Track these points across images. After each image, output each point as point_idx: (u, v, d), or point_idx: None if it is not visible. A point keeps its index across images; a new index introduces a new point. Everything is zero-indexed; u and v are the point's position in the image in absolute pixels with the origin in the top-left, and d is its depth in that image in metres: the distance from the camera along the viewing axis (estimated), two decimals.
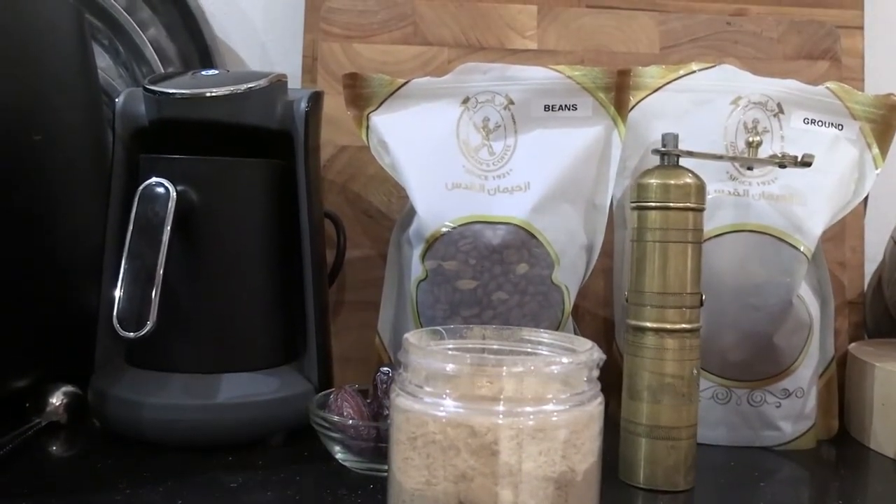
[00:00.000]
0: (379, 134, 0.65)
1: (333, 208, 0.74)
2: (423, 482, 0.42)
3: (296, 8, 0.84)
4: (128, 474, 0.54)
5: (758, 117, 0.65)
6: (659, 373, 0.56)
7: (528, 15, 0.79)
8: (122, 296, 0.55)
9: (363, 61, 0.76)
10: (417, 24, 0.78)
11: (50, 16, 0.65)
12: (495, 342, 0.50)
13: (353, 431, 0.55)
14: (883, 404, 0.65)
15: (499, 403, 0.42)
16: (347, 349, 0.72)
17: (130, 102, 0.63)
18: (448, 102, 0.65)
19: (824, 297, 0.67)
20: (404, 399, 0.44)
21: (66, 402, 0.63)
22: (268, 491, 0.52)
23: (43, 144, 0.63)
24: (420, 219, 0.62)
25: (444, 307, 0.62)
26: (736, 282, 0.63)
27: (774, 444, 0.65)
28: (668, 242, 0.56)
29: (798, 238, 0.63)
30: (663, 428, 0.56)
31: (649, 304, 0.56)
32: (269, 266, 0.63)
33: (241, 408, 0.59)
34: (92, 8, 0.81)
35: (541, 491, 0.41)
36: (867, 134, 0.66)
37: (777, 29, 0.80)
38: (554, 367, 0.44)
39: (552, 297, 0.62)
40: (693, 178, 0.57)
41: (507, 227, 0.61)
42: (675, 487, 0.56)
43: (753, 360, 0.64)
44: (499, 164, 0.64)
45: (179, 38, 0.85)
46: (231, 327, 0.61)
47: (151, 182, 0.57)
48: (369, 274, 0.73)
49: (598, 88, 0.64)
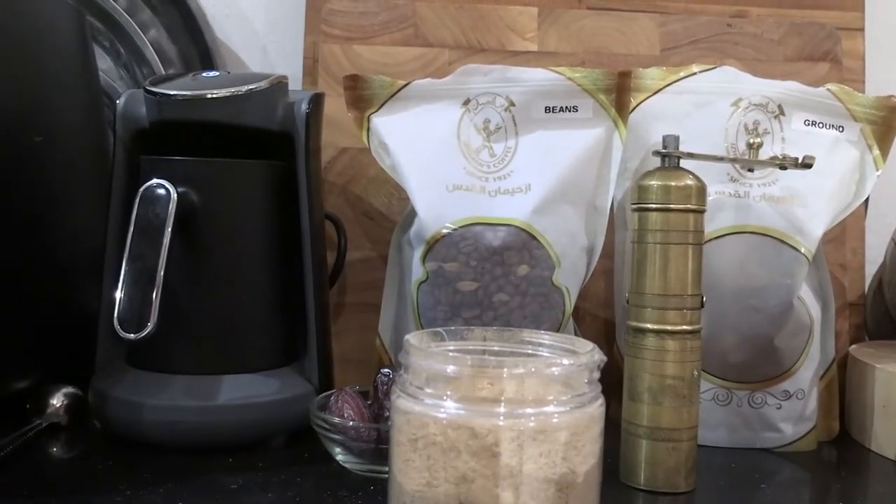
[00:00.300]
0: (380, 135, 0.65)
1: (334, 210, 0.74)
2: (424, 484, 0.42)
3: (296, 10, 0.84)
4: (128, 476, 0.54)
5: (758, 119, 0.65)
6: (660, 374, 0.56)
7: (529, 17, 0.79)
8: (122, 297, 0.55)
9: (364, 63, 0.76)
10: (418, 25, 0.78)
11: (51, 17, 0.65)
12: (496, 344, 0.50)
13: (354, 433, 0.55)
14: (884, 406, 0.65)
15: (500, 405, 0.42)
16: (348, 351, 0.72)
17: (131, 104, 0.63)
18: (449, 104, 0.65)
19: (825, 299, 0.67)
20: (405, 401, 0.43)
21: (67, 404, 0.63)
22: (268, 492, 0.52)
23: (44, 146, 0.63)
24: (421, 220, 0.62)
25: (445, 309, 0.62)
26: (736, 283, 0.62)
27: (775, 446, 0.65)
28: (668, 244, 0.56)
29: (799, 240, 0.63)
30: (664, 429, 0.55)
31: (650, 305, 0.56)
32: (270, 267, 0.63)
33: (241, 409, 0.59)
34: (93, 9, 0.81)
35: (542, 493, 0.41)
36: (868, 135, 0.66)
37: (778, 31, 0.80)
38: (555, 369, 0.44)
39: (553, 299, 0.62)
40: (694, 180, 0.57)
41: (508, 228, 0.61)
42: (676, 489, 0.56)
43: (754, 362, 0.64)
44: (499, 165, 0.64)
45: (180, 39, 0.85)
46: (231, 329, 0.61)
47: (152, 183, 0.57)
48: (370, 275, 0.73)
49: (598, 90, 0.64)
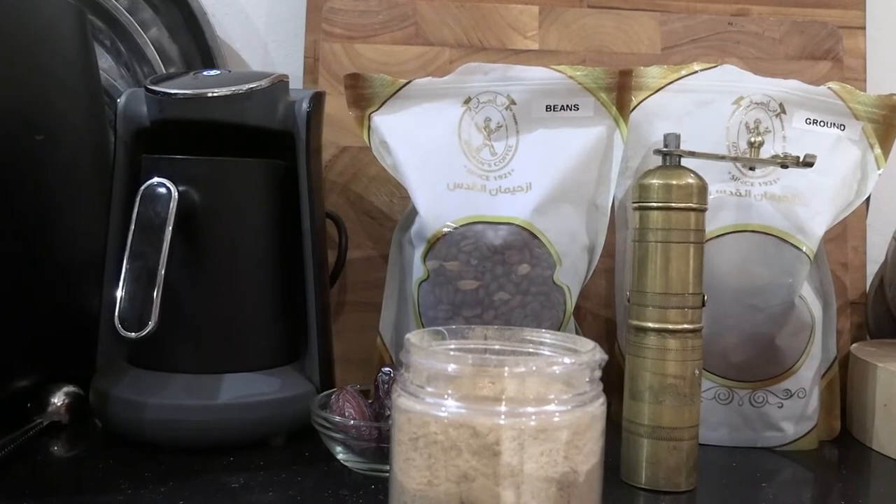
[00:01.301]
0: (380, 134, 0.65)
1: (335, 209, 0.74)
2: (425, 483, 0.42)
3: (297, 8, 0.84)
4: (129, 474, 0.54)
5: (760, 117, 0.65)
6: (661, 373, 0.55)
7: (530, 15, 0.79)
8: (123, 296, 0.55)
9: (365, 62, 0.76)
10: (419, 24, 0.78)
11: (51, 16, 0.65)
12: (497, 343, 0.50)
13: (355, 432, 0.55)
14: (885, 405, 0.65)
15: (501, 404, 0.42)
16: (349, 350, 0.72)
17: (132, 103, 0.63)
18: (450, 103, 0.65)
19: (826, 298, 0.67)
20: (406, 399, 0.43)
21: (68, 403, 0.64)
22: (269, 491, 0.52)
23: (44, 145, 0.63)
24: (422, 219, 0.62)
25: (446, 307, 0.62)
26: (738, 282, 0.62)
27: (776, 445, 0.65)
28: (670, 243, 0.56)
29: (800, 238, 0.62)
30: (665, 429, 0.55)
31: (651, 304, 0.56)
32: (271, 266, 0.63)
33: (242, 408, 0.59)
34: (94, 8, 0.81)
35: (543, 492, 0.41)
36: (869, 134, 0.66)
37: (779, 29, 0.80)
38: (556, 368, 0.43)
39: (554, 298, 0.62)
40: (695, 179, 0.57)
41: (509, 227, 0.61)
42: (677, 488, 0.56)
43: (755, 361, 0.64)
44: (500, 164, 0.64)
45: (181, 38, 0.85)
46: (232, 328, 0.61)
47: (153, 182, 0.57)
48: (371, 274, 0.73)
49: (599, 89, 0.64)
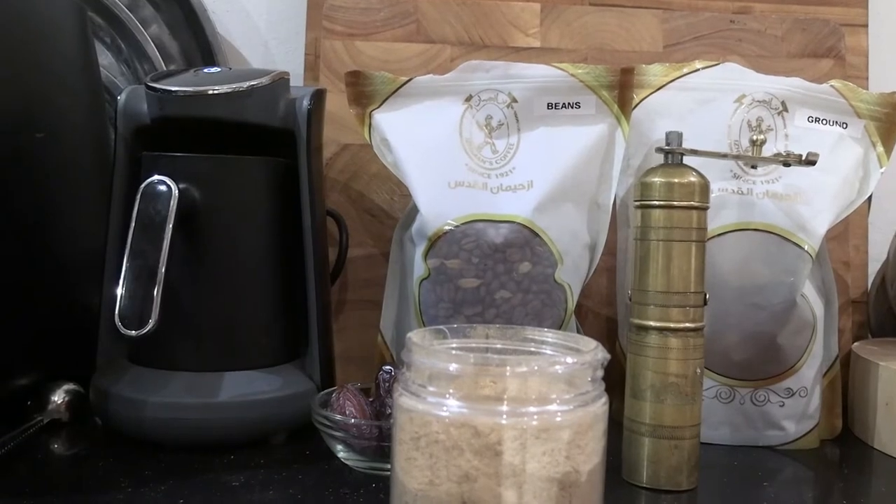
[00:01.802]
0: (381, 132, 0.65)
1: (336, 206, 0.74)
2: (427, 482, 0.42)
3: (298, 5, 0.84)
4: (129, 473, 0.54)
5: (762, 115, 0.65)
6: (662, 372, 0.55)
7: (532, 13, 0.79)
8: (124, 294, 0.55)
9: (366, 59, 0.76)
10: (420, 21, 0.78)
11: (52, 13, 0.65)
12: (499, 341, 0.50)
13: (356, 430, 0.55)
14: (887, 403, 0.65)
15: (502, 403, 0.41)
16: (350, 348, 0.72)
17: (132, 100, 0.63)
18: (451, 100, 0.65)
19: (828, 297, 0.67)
20: (407, 399, 0.43)
21: (68, 401, 0.63)
22: (270, 490, 0.52)
23: (45, 142, 0.62)
24: (423, 217, 0.62)
25: (447, 306, 0.62)
26: (740, 281, 0.62)
27: (778, 444, 0.65)
28: (671, 241, 0.56)
29: (802, 237, 0.62)
30: (667, 427, 0.55)
31: (653, 303, 0.56)
32: (272, 264, 0.63)
33: (243, 406, 0.58)
34: (94, 5, 0.81)
35: (544, 491, 0.41)
36: (872, 132, 0.66)
37: (781, 27, 0.80)
38: (558, 367, 0.43)
39: (555, 296, 0.62)
40: (697, 177, 0.57)
41: (510, 225, 0.61)
42: (679, 487, 0.55)
43: (757, 360, 0.64)
44: (501, 162, 0.64)
45: (181, 35, 0.85)
46: (233, 325, 0.61)
47: (153, 180, 0.57)
48: (372, 272, 0.73)
49: (601, 86, 0.64)
